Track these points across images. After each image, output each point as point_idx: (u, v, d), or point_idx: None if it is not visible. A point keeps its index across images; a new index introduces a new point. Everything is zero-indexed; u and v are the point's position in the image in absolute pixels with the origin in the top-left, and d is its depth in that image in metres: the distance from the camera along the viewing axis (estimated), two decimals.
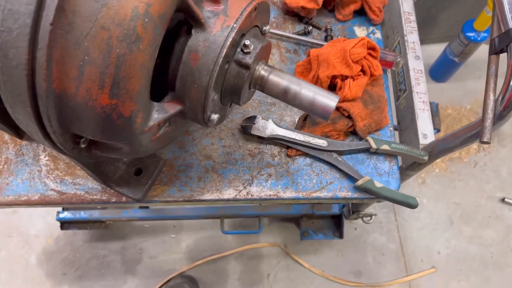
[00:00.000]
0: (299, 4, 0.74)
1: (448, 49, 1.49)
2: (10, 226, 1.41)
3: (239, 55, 0.46)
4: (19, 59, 0.36)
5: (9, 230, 1.41)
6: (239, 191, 0.66)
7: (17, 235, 1.40)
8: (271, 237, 1.39)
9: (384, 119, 0.70)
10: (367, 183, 0.64)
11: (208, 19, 0.43)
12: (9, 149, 0.68)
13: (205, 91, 0.45)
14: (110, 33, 0.36)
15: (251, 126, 0.68)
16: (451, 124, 1.62)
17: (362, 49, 0.65)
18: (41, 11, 0.35)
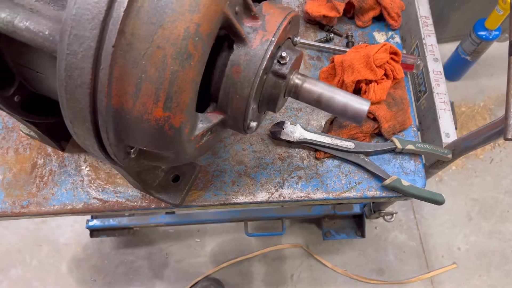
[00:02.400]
0: (321, 13, 0.77)
1: (460, 48, 1.52)
2: (39, 235, 1.46)
3: (276, 66, 0.49)
4: (83, 78, 0.40)
5: (39, 240, 1.45)
6: (271, 193, 0.69)
7: (47, 244, 1.44)
8: (293, 238, 1.42)
9: (408, 120, 0.73)
10: (394, 182, 0.67)
11: (248, 34, 0.47)
12: (53, 161, 0.71)
13: (246, 101, 0.48)
14: (165, 52, 0.39)
15: (280, 131, 0.71)
16: (465, 121, 1.64)
17: (385, 54, 0.68)
18: (104, 34, 0.38)
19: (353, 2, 0.78)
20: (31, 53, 0.47)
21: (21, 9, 0.42)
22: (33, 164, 0.71)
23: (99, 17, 0.37)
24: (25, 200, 0.69)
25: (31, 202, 0.69)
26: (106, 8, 0.37)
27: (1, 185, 0.69)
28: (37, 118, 0.60)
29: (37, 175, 0.70)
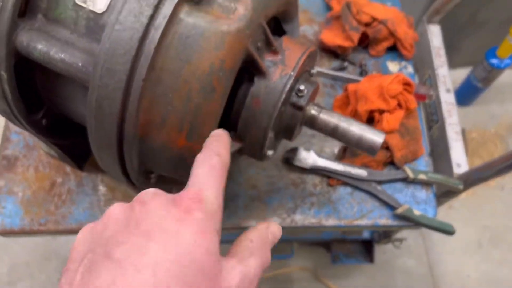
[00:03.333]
0: (336, 43, 0.79)
1: (472, 74, 1.53)
2: (48, 250, 1.47)
3: (293, 98, 0.51)
4: (112, 109, 0.42)
5: (48, 254, 1.47)
6: (284, 218, 0.71)
7: (55, 259, 1.46)
8: (302, 261, 1.42)
9: (420, 149, 0.74)
10: (406, 211, 0.68)
11: (269, 68, 0.49)
12: (71, 180, 0.73)
13: (264, 131, 0.50)
14: (191, 86, 0.41)
15: (293, 157, 0.73)
16: (476, 147, 1.65)
17: (398, 85, 0.70)
18: (134, 69, 0.40)
19: (367, 33, 0.80)
20: (62, 81, 0.49)
21: (57, 41, 0.44)
22: (52, 183, 0.73)
23: (131, 52, 0.39)
24: (43, 218, 0.71)
25: (49, 219, 0.71)
26: (138, 45, 0.39)
27: (20, 202, 0.71)
28: (60, 139, 0.62)
29: (55, 194, 0.72)
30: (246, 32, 0.43)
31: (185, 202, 0.30)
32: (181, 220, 0.29)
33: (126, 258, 0.27)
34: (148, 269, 0.27)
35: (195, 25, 0.41)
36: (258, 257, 0.33)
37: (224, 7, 0.43)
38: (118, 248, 0.28)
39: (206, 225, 0.30)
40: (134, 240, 0.28)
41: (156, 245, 0.28)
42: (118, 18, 0.40)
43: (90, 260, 0.28)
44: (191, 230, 0.29)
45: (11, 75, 0.46)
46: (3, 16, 0.43)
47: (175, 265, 0.27)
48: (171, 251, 0.27)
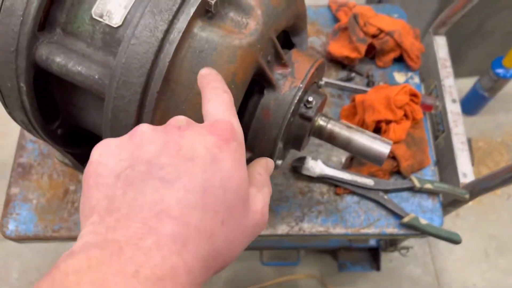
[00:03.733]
0: (343, 54, 0.81)
1: (478, 84, 1.54)
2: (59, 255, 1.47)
3: (302, 109, 0.53)
4: (128, 120, 0.43)
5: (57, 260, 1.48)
6: (292, 227, 0.72)
7: None
8: (308, 269, 1.43)
9: (426, 159, 0.75)
10: (412, 220, 0.69)
11: (278, 80, 0.50)
12: None
13: (274, 142, 0.51)
14: None
15: (301, 166, 0.74)
16: (482, 157, 1.65)
17: (405, 96, 0.71)
18: (150, 81, 0.42)
19: (374, 44, 0.81)
20: (78, 92, 0.51)
21: (74, 54, 0.46)
22: (65, 190, 0.75)
23: (147, 66, 0.41)
24: (57, 225, 0.72)
25: (62, 226, 0.72)
26: (153, 58, 0.41)
27: (35, 209, 0.73)
28: (75, 148, 0.64)
29: (68, 201, 0.74)
30: (257, 46, 0.45)
31: (221, 132, 0.32)
32: (220, 147, 0.31)
33: (174, 179, 0.28)
34: (197, 191, 0.28)
35: (208, 39, 0.42)
36: (268, 187, 0.37)
37: (236, 22, 0.45)
38: (163, 170, 0.29)
39: (240, 153, 0.32)
40: (179, 163, 0.29)
41: (202, 170, 0.29)
42: (134, 33, 0.41)
43: (131, 177, 0.29)
44: (230, 157, 0.31)
45: (30, 87, 0.48)
46: (24, 30, 0.45)
47: (220, 190, 0.29)
48: (215, 176, 0.29)
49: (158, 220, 0.27)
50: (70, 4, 0.48)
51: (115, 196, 0.28)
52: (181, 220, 0.27)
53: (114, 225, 0.27)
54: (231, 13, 0.45)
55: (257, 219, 0.33)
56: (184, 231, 0.27)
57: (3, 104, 0.53)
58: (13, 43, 0.45)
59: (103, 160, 0.30)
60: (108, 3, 0.47)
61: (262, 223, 0.34)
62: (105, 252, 0.26)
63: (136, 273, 0.25)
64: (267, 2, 0.46)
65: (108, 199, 0.28)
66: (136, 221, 0.27)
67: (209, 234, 0.28)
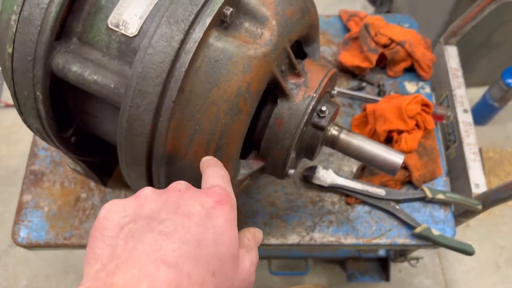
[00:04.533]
0: (354, 63, 0.81)
1: (488, 94, 1.53)
2: (67, 263, 1.49)
3: (315, 119, 0.53)
4: (143, 128, 0.44)
5: (66, 267, 1.48)
6: (303, 236, 0.71)
7: (73, 272, 1.47)
8: (317, 278, 1.42)
9: (438, 169, 0.74)
10: (425, 230, 0.68)
11: (292, 90, 0.50)
12: (95, 195, 0.75)
13: (287, 151, 0.51)
14: (218, 108, 0.43)
15: (312, 175, 0.74)
16: (493, 167, 1.63)
17: (416, 106, 0.71)
18: (165, 91, 0.42)
19: (385, 54, 0.81)
20: (93, 101, 0.51)
21: (90, 64, 0.46)
22: (76, 198, 0.75)
23: (163, 75, 0.41)
24: (68, 232, 0.72)
25: (73, 234, 0.72)
26: (169, 68, 0.41)
27: (46, 217, 0.73)
28: (87, 156, 0.64)
29: (80, 209, 0.74)
30: (272, 56, 0.45)
31: (216, 195, 0.35)
32: (214, 207, 0.34)
33: (172, 232, 0.31)
34: (191, 243, 0.31)
35: (223, 49, 0.43)
36: (255, 252, 0.39)
37: (251, 32, 0.45)
38: (162, 224, 0.32)
39: (232, 215, 0.35)
40: (177, 218, 0.32)
41: (196, 225, 0.32)
42: (150, 43, 0.42)
43: (133, 230, 0.32)
44: (223, 217, 0.34)
45: (46, 95, 0.49)
46: (42, 39, 0.45)
47: (212, 244, 0.32)
48: (209, 231, 0.32)
49: (154, 266, 0.29)
50: (86, 14, 0.48)
51: (117, 245, 0.31)
52: (176, 267, 0.30)
53: (113, 270, 0.29)
54: (246, 23, 0.46)
55: (245, 276, 0.35)
56: (178, 277, 0.30)
57: (18, 112, 0.53)
58: (31, 53, 0.45)
59: (110, 216, 0.33)
60: (124, 13, 0.47)
61: (249, 281, 0.36)
62: None
63: None
64: (282, 12, 0.47)
65: (111, 248, 0.31)
66: (135, 266, 0.30)
67: (201, 282, 0.31)
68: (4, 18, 0.48)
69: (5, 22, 0.48)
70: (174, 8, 0.42)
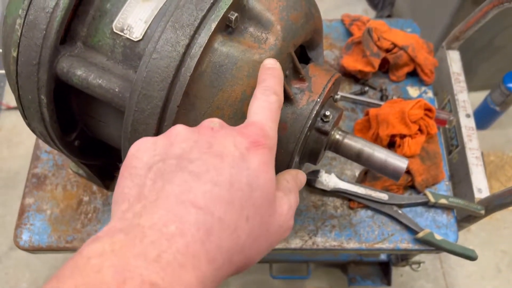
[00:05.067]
0: (357, 68, 0.81)
1: (489, 98, 1.53)
2: None
3: (319, 123, 0.53)
4: (148, 133, 0.44)
5: None
6: (305, 241, 0.71)
7: None
8: (318, 282, 1.41)
9: (440, 174, 0.74)
10: (427, 235, 0.68)
11: (296, 95, 0.50)
12: (97, 199, 0.75)
13: (290, 155, 0.51)
14: (223, 112, 0.43)
15: (314, 179, 0.74)
16: (494, 171, 1.63)
17: (419, 111, 0.71)
18: (170, 95, 0.42)
19: (388, 58, 0.82)
20: (97, 105, 0.51)
21: (95, 68, 0.47)
22: (79, 201, 0.75)
23: (168, 80, 0.41)
24: (70, 236, 0.72)
25: (75, 237, 0.72)
26: (174, 73, 0.41)
27: (48, 220, 0.73)
28: (90, 160, 0.64)
29: (82, 212, 0.74)
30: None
31: (252, 135, 0.33)
32: (249, 149, 0.32)
33: (203, 172, 0.29)
34: (224, 185, 0.29)
35: (228, 54, 0.43)
36: (294, 195, 0.38)
37: (255, 37, 0.45)
38: (192, 163, 0.30)
39: (269, 157, 0.33)
40: (209, 159, 0.30)
41: (229, 166, 0.30)
42: (155, 47, 0.42)
43: (161, 169, 0.30)
44: (258, 159, 0.32)
45: (51, 99, 0.49)
46: (46, 43, 0.45)
47: (246, 187, 0.30)
48: (243, 173, 0.30)
49: (183, 208, 0.28)
50: (91, 18, 0.48)
51: (145, 185, 0.30)
52: (206, 210, 0.28)
53: (140, 211, 0.28)
54: (250, 28, 0.46)
55: (282, 221, 0.34)
56: (208, 221, 0.28)
57: (22, 116, 0.53)
58: (36, 57, 0.46)
59: (139, 154, 0.32)
60: (129, 17, 0.47)
61: (287, 226, 0.35)
62: (129, 237, 0.26)
63: (157, 257, 0.25)
64: (287, 17, 0.47)
65: (138, 187, 0.30)
66: (162, 208, 0.28)
67: (233, 228, 0.29)
68: (9, 22, 0.48)
69: (10, 26, 0.48)
70: (179, 13, 0.42)
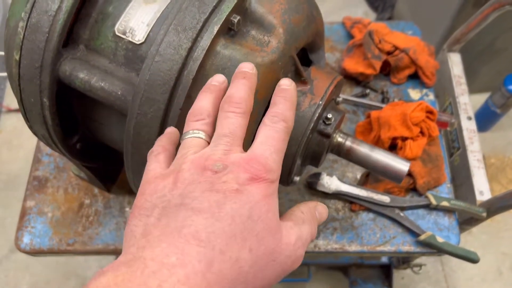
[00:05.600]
0: (358, 70, 0.81)
1: (489, 100, 1.53)
2: (68, 269, 1.49)
3: (321, 126, 0.53)
4: (150, 136, 0.44)
5: (68, 273, 1.48)
6: None
7: (75, 278, 1.47)
8: (319, 285, 1.41)
9: (442, 176, 0.74)
10: (429, 238, 0.68)
11: (298, 97, 0.50)
12: (98, 201, 0.75)
13: (292, 158, 0.51)
14: None
15: (316, 182, 0.74)
16: (495, 173, 1.63)
17: (421, 113, 0.71)
18: (172, 98, 0.42)
19: (389, 61, 0.82)
20: (99, 107, 0.51)
21: (97, 71, 0.47)
22: (80, 204, 0.75)
23: (170, 83, 0.41)
24: (71, 238, 0.72)
25: (77, 240, 0.72)
26: (176, 76, 0.41)
27: (50, 223, 0.73)
28: (92, 163, 0.64)
29: (83, 215, 0.74)
30: (279, 64, 0.45)
31: (254, 168, 0.34)
32: (250, 183, 0.33)
33: (204, 208, 0.31)
34: (226, 219, 0.31)
35: (231, 57, 0.43)
36: (309, 226, 0.38)
37: (257, 40, 0.45)
38: (195, 200, 0.32)
39: (270, 190, 0.34)
40: (210, 196, 0.32)
41: (231, 201, 0.32)
42: (158, 50, 0.42)
43: (166, 208, 0.32)
44: (259, 192, 0.33)
45: (53, 102, 0.49)
46: (49, 46, 0.45)
47: (248, 220, 0.31)
48: (244, 208, 0.32)
49: (185, 241, 0.29)
50: (93, 21, 0.48)
51: (151, 223, 0.32)
52: (207, 243, 0.30)
53: (144, 245, 0.30)
54: (253, 31, 0.46)
55: (290, 251, 0.34)
56: (209, 253, 0.29)
57: (24, 118, 0.53)
58: (38, 60, 0.46)
59: (148, 195, 0.34)
60: (131, 20, 0.47)
61: (295, 257, 0.35)
62: (131, 269, 0.28)
63: (158, 287, 0.26)
64: (289, 20, 0.47)
65: (145, 225, 0.32)
66: (165, 241, 0.30)
67: (235, 259, 0.30)
68: (11, 24, 0.48)
69: (12, 28, 0.48)
70: (182, 16, 0.42)
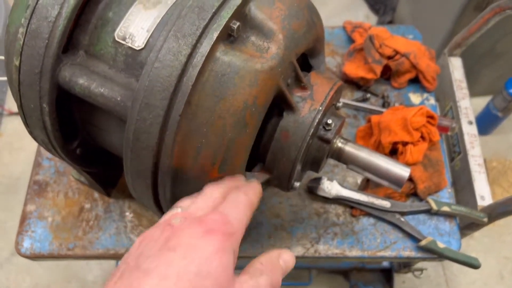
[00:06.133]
0: (359, 75, 0.81)
1: (491, 104, 1.53)
2: (69, 272, 1.49)
3: (321, 132, 0.53)
4: (149, 141, 0.43)
5: (68, 276, 1.48)
6: (307, 248, 0.71)
7: (76, 281, 1.47)
8: None
9: (443, 181, 0.74)
10: (430, 243, 0.68)
11: (298, 103, 0.50)
12: (99, 206, 0.75)
13: (292, 164, 0.51)
14: (225, 121, 0.43)
15: (317, 186, 0.74)
16: (497, 176, 1.63)
17: (421, 118, 0.71)
18: (172, 104, 0.42)
19: (390, 65, 0.81)
20: (98, 113, 0.51)
21: (96, 76, 0.47)
22: (80, 208, 0.75)
23: (169, 89, 0.41)
24: (72, 243, 0.72)
25: (77, 245, 0.72)
26: (176, 82, 0.41)
27: (50, 227, 0.73)
28: (92, 168, 0.64)
29: (83, 219, 0.74)
30: (278, 70, 0.45)
31: (209, 222, 0.35)
32: (204, 238, 0.34)
33: (153, 268, 0.32)
34: (171, 278, 0.31)
35: (230, 63, 0.43)
36: (268, 277, 0.37)
37: (257, 46, 0.45)
38: (147, 259, 0.33)
39: (225, 243, 0.34)
40: (162, 254, 0.33)
41: (180, 257, 0.32)
42: (157, 56, 0.42)
43: (123, 270, 0.33)
44: (212, 246, 0.33)
45: (53, 108, 0.49)
46: (49, 52, 0.46)
47: (195, 276, 0.31)
48: (193, 263, 0.32)
49: None
50: (93, 27, 0.48)
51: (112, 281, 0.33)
52: None
53: None
54: (252, 37, 0.46)
55: None
56: None
57: (24, 124, 0.53)
58: (38, 65, 0.46)
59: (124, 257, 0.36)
60: (131, 26, 0.47)
61: None
62: None
63: None
64: (288, 26, 0.47)
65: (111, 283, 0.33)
66: None
67: None
68: (11, 30, 0.48)
69: (12, 34, 0.48)
70: (181, 22, 0.42)
